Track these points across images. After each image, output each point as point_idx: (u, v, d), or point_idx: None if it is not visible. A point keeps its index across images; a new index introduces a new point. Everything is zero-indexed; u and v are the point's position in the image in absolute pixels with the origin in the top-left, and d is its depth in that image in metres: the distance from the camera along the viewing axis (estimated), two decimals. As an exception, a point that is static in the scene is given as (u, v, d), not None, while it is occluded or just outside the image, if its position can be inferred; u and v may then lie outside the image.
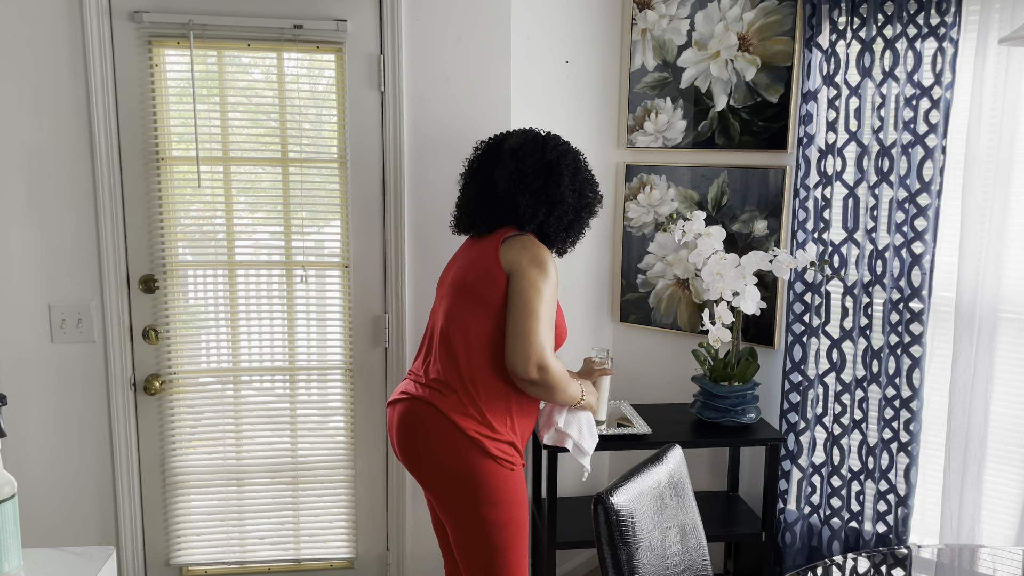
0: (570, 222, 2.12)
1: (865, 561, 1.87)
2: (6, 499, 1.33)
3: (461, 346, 2.00)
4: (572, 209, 2.10)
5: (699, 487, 3.04)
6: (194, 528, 2.63)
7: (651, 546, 1.68)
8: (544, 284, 1.96)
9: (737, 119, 2.74)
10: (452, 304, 2.05)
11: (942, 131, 2.36)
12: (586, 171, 2.15)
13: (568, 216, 2.10)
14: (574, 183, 2.10)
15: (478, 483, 1.96)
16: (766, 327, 2.77)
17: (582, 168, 2.13)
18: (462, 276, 2.06)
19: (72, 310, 2.43)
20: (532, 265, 1.97)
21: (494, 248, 2.03)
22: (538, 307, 1.93)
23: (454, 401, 1.99)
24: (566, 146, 2.13)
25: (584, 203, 2.13)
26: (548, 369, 1.94)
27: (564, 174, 2.07)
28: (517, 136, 2.12)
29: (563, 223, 2.10)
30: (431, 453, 1.99)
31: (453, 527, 2.03)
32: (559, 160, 2.08)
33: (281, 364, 2.60)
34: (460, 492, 1.98)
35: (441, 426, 1.98)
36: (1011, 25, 2.23)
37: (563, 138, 2.17)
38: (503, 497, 1.98)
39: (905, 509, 2.52)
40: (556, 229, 2.10)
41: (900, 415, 2.50)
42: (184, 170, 2.46)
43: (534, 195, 2.06)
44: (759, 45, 2.66)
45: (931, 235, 2.40)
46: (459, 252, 2.19)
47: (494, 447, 1.98)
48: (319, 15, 2.42)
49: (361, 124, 2.50)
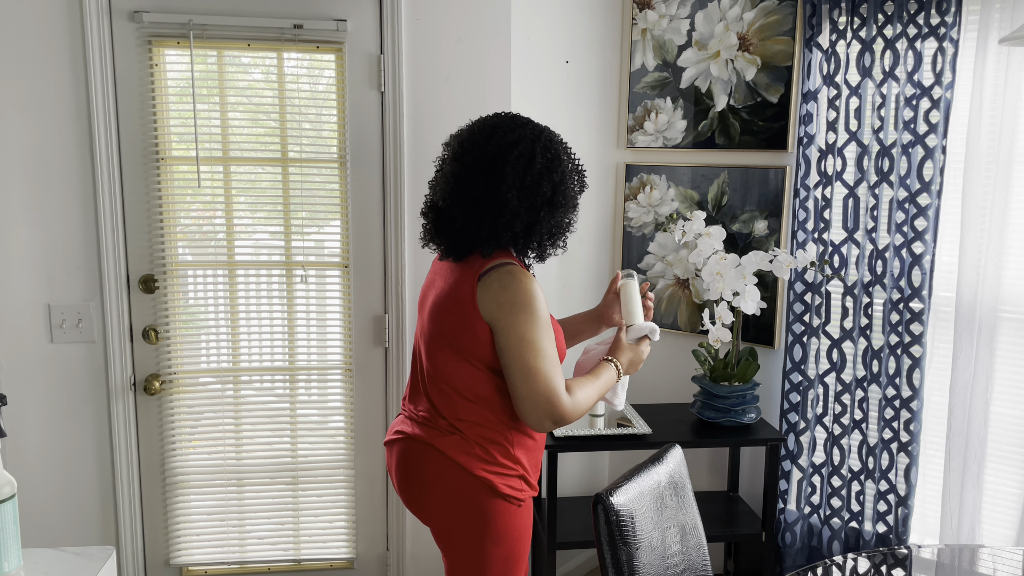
0: (528, 227, 1.74)
1: (865, 561, 1.87)
2: (6, 499, 1.33)
3: (451, 392, 1.80)
4: (525, 211, 1.72)
5: (699, 487, 3.04)
6: (194, 528, 2.63)
7: (651, 546, 1.68)
8: (534, 330, 1.70)
9: (737, 119, 2.74)
10: (432, 349, 1.81)
11: (942, 131, 2.36)
12: (543, 159, 1.73)
13: (520, 221, 1.72)
14: (523, 179, 1.71)
15: (486, 523, 1.79)
16: (766, 327, 2.77)
17: (538, 158, 1.72)
18: (439, 315, 1.79)
19: (72, 310, 2.43)
20: (514, 312, 1.69)
21: (470, 291, 1.73)
22: (534, 363, 1.69)
23: (456, 440, 1.79)
24: (520, 132, 1.74)
25: (542, 201, 1.73)
26: (563, 417, 1.72)
27: (507, 170, 1.70)
28: (469, 128, 1.80)
29: (514, 229, 1.73)
30: (436, 496, 1.82)
31: (449, 559, 1.88)
32: (501, 154, 1.71)
33: (281, 364, 2.60)
34: (465, 532, 1.82)
35: (445, 468, 1.79)
36: (1011, 25, 2.23)
37: (526, 119, 1.78)
38: (508, 534, 1.83)
39: (905, 509, 2.52)
40: (513, 239, 1.75)
41: (900, 415, 2.50)
42: (184, 170, 2.46)
43: (474, 204, 1.72)
44: (759, 45, 2.66)
45: (931, 235, 2.40)
46: (435, 269, 1.92)
47: (503, 485, 1.79)
48: (319, 15, 2.42)
49: (361, 124, 2.50)
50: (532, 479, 1.89)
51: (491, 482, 1.78)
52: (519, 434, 1.84)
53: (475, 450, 1.79)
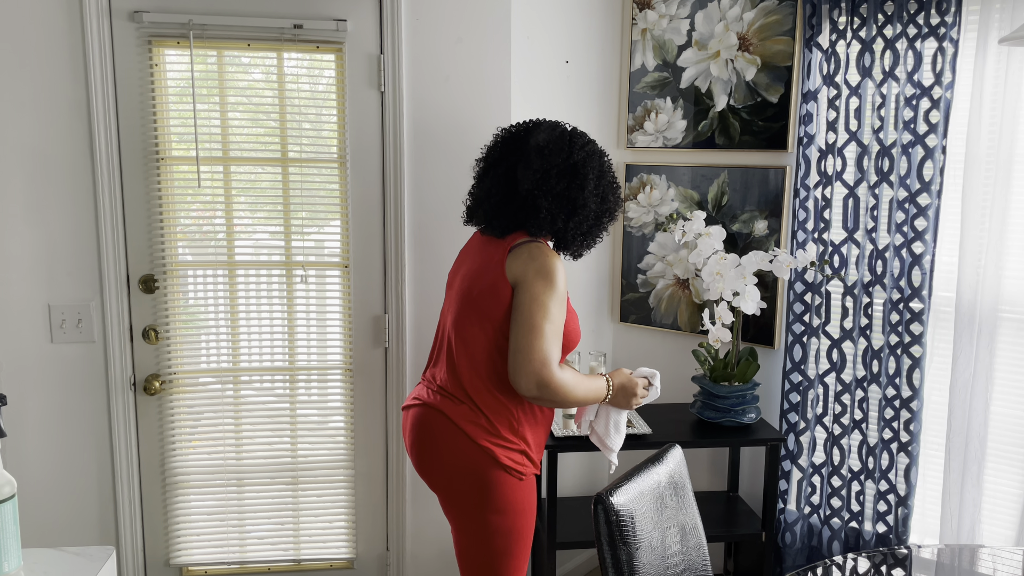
0: (590, 227, 2.01)
1: (865, 561, 1.87)
2: (6, 499, 1.33)
3: (464, 359, 1.96)
4: (593, 215, 1.99)
5: (699, 487, 3.04)
6: (194, 528, 2.63)
7: (651, 546, 1.68)
8: (550, 296, 1.87)
9: (737, 119, 2.74)
10: (458, 314, 1.99)
11: (942, 131, 2.36)
12: (610, 174, 2.03)
13: (588, 222, 1.99)
14: (598, 188, 1.99)
15: (487, 491, 1.93)
16: (766, 327, 2.77)
17: (607, 171, 2.02)
18: (468, 286, 1.99)
19: (72, 310, 2.43)
20: (538, 278, 1.87)
21: (500, 258, 1.93)
22: (540, 322, 1.84)
23: (465, 411, 1.94)
24: (592, 146, 2.01)
25: (605, 208, 2.02)
26: (549, 385, 1.84)
27: (589, 177, 1.97)
28: (545, 131, 2.00)
29: (582, 229, 2.00)
30: (442, 461, 1.97)
31: (458, 531, 2.02)
32: (585, 162, 1.97)
33: (281, 364, 2.60)
34: (468, 499, 1.96)
35: (452, 435, 1.95)
36: (1011, 25, 2.23)
37: (589, 136, 2.05)
38: (510, 506, 1.95)
39: (905, 509, 2.52)
40: (575, 235, 2.00)
41: (900, 415, 2.50)
42: (184, 170, 2.46)
43: (556, 199, 1.95)
44: (759, 45, 2.66)
45: (931, 235, 2.40)
46: (468, 248, 2.11)
47: (504, 456, 1.93)
48: (319, 15, 2.42)
49: (361, 124, 2.50)
50: (535, 457, 2.03)
51: (493, 452, 1.92)
52: (527, 413, 1.99)
53: (481, 421, 1.94)
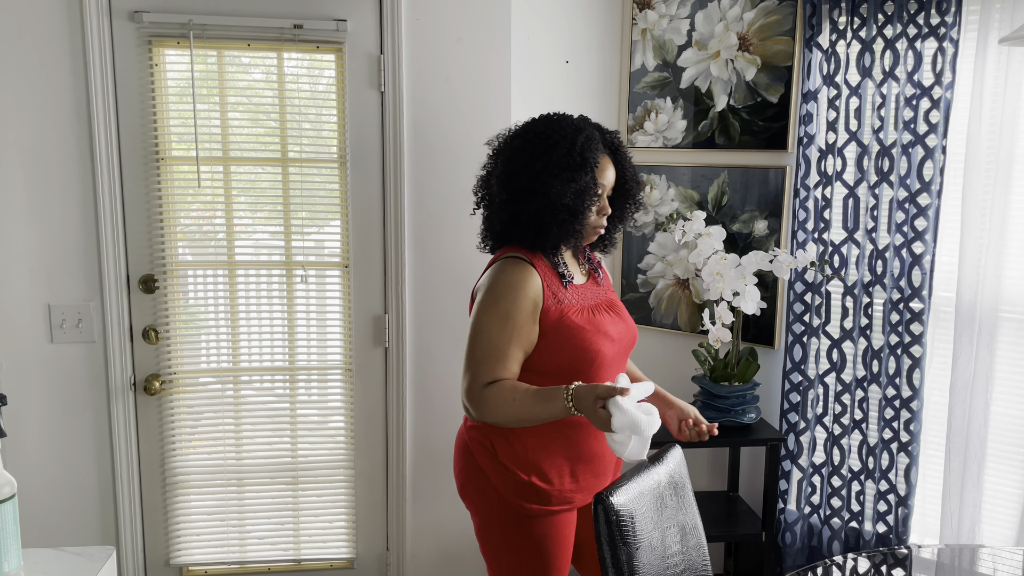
0: (512, 217, 1.81)
1: (865, 561, 1.87)
2: (6, 499, 1.33)
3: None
4: (499, 203, 1.83)
5: (699, 487, 3.04)
6: (194, 528, 2.63)
7: (651, 546, 1.67)
8: (486, 314, 1.75)
9: (737, 119, 2.74)
10: None
11: (942, 131, 2.36)
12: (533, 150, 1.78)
13: (503, 212, 1.82)
14: (507, 169, 1.81)
15: (491, 524, 1.84)
16: (766, 327, 2.77)
17: (522, 152, 1.80)
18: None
19: (72, 310, 2.43)
20: (482, 295, 1.79)
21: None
22: (471, 339, 1.76)
23: (475, 434, 1.87)
24: (525, 126, 1.85)
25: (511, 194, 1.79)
26: (474, 402, 1.72)
27: (498, 162, 1.85)
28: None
29: (499, 220, 1.84)
30: (459, 484, 1.94)
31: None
32: (502, 147, 1.87)
33: (281, 364, 2.60)
34: (479, 530, 1.89)
35: (463, 456, 1.90)
36: (1011, 25, 2.23)
37: (545, 117, 1.86)
38: (518, 543, 1.81)
39: (905, 509, 2.52)
40: (502, 228, 1.85)
41: (900, 415, 2.50)
42: (184, 170, 2.46)
43: (477, 193, 1.92)
44: (759, 45, 2.66)
45: (931, 235, 2.40)
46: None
47: (504, 486, 1.81)
48: (319, 15, 2.42)
49: (361, 124, 2.50)
50: (555, 486, 1.82)
51: (490, 477, 1.83)
52: (519, 434, 1.81)
53: (485, 441, 1.84)
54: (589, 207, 1.81)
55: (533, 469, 1.80)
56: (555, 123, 1.83)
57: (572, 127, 1.82)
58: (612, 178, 1.89)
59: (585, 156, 1.79)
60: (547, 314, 1.78)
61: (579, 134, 1.80)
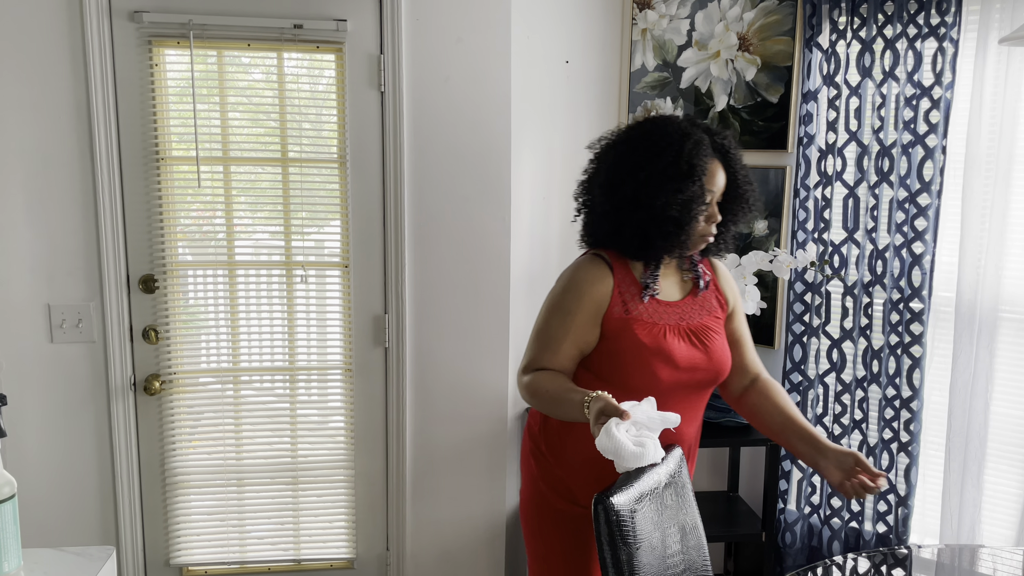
0: (615, 228, 1.76)
1: (865, 561, 1.87)
2: (6, 499, 1.33)
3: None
4: (600, 213, 1.78)
5: (699, 487, 3.04)
6: (194, 528, 2.63)
7: (651, 546, 1.67)
8: (549, 303, 1.79)
9: (737, 119, 2.74)
10: None
11: (942, 131, 2.36)
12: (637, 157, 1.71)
13: (610, 222, 1.76)
14: (609, 177, 1.75)
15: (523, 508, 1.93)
16: (766, 327, 2.77)
17: (625, 160, 1.73)
18: None
19: (72, 310, 2.43)
20: (556, 282, 1.82)
21: None
22: (536, 325, 1.81)
23: (531, 421, 1.94)
24: (629, 130, 1.78)
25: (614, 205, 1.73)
26: (519, 384, 1.79)
27: (600, 169, 1.79)
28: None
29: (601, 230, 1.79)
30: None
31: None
32: (604, 152, 1.80)
33: (281, 364, 2.60)
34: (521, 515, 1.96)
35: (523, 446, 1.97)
36: (1011, 25, 2.23)
37: (650, 120, 1.78)
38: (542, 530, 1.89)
39: (905, 509, 2.52)
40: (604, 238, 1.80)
41: (900, 415, 2.50)
42: (184, 170, 2.46)
43: (577, 198, 1.86)
44: (759, 45, 2.66)
45: (931, 235, 2.40)
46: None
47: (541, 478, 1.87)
48: (319, 15, 2.42)
49: (361, 124, 2.50)
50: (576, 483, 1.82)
51: (532, 460, 1.88)
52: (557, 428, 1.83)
53: (535, 427, 1.89)
54: (697, 216, 1.72)
55: (564, 464, 1.84)
56: (660, 127, 1.73)
57: (678, 132, 1.71)
58: (722, 183, 1.77)
59: (693, 163, 1.69)
60: (609, 320, 1.74)
61: (686, 139, 1.70)
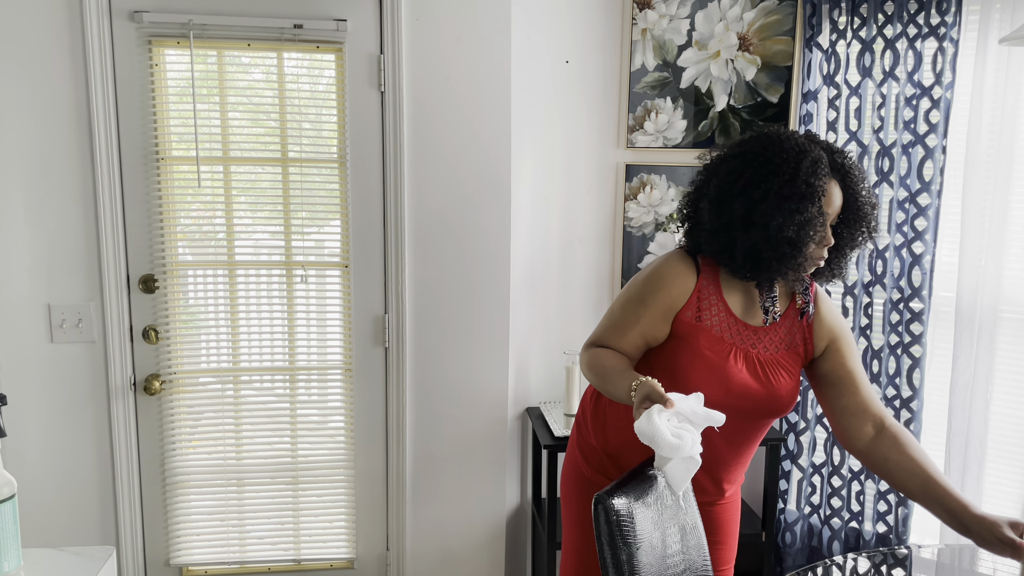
0: (725, 248, 1.67)
1: (865, 561, 1.87)
2: (6, 499, 1.33)
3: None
4: (710, 230, 1.68)
5: (699, 487, 3.03)
6: (194, 528, 2.63)
7: (651, 546, 1.67)
8: (623, 295, 1.77)
9: (737, 119, 2.74)
10: None
11: (942, 131, 2.36)
12: (751, 174, 1.62)
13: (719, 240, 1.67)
14: (720, 193, 1.66)
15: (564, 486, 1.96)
16: (766, 327, 2.77)
17: (738, 176, 1.63)
18: None
19: (72, 310, 2.43)
20: (642, 270, 1.79)
21: None
22: (613, 305, 1.79)
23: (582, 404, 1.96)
24: (742, 144, 1.68)
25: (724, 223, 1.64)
26: (581, 356, 1.79)
27: (710, 184, 1.69)
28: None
29: (710, 248, 1.70)
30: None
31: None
32: (715, 166, 1.71)
33: (281, 364, 2.60)
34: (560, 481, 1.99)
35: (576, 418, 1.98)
36: (1011, 25, 2.23)
37: (765, 135, 1.67)
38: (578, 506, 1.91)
39: (905, 509, 2.52)
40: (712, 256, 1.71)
41: (900, 415, 2.50)
42: (184, 170, 2.46)
43: (682, 210, 1.79)
44: (759, 45, 2.66)
45: (931, 235, 2.40)
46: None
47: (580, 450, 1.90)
48: (319, 15, 2.42)
49: (361, 124, 2.50)
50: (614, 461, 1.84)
51: (576, 450, 1.90)
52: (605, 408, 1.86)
53: (588, 408, 1.90)
54: (811, 239, 1.63)
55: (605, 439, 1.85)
56: (776, 143, 1.63)
57: (796, 149, 1.61)
58: (839, 205, 1.67)
59: (811, 183, 1.59)
60: (680, 322, 1.70)
61: (804, 157, 1.60)
